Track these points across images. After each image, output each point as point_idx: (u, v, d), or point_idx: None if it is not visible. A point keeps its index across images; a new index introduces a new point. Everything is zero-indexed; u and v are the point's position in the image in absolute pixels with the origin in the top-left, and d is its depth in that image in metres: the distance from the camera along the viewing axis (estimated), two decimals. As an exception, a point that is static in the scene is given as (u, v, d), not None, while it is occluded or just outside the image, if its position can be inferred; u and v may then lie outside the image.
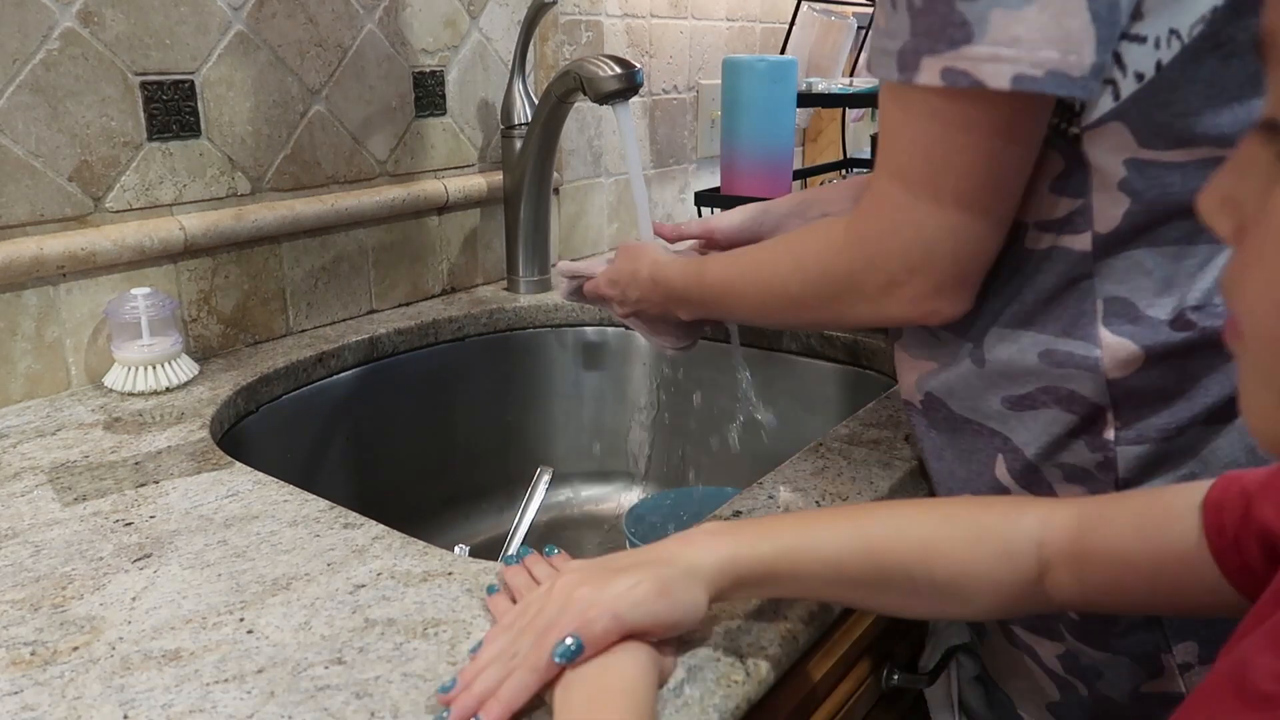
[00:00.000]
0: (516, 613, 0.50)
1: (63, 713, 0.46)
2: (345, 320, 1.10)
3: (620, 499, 1.23)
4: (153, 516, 0.65)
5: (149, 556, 0.60)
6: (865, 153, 1.69)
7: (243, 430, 0.89)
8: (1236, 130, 0.54)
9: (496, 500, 1.19)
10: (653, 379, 1.22)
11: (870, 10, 1.72)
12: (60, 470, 0.72)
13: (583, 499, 1.24)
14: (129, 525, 0.64)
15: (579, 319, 1.20)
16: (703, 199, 1.27)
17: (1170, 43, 0.53)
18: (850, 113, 1.77)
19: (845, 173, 1.49)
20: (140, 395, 0.86)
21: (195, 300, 0.96)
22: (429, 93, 1.16)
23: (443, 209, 1.19)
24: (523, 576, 0.55)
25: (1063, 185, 0.58)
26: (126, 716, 0.46)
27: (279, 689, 0.48)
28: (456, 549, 0.95)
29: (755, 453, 1.15)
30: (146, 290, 0.88)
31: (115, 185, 0.89)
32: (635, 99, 1.25)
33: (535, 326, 1.19)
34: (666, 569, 0.49)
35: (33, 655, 0.50)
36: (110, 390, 0.87)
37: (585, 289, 0.90)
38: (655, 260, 0.81)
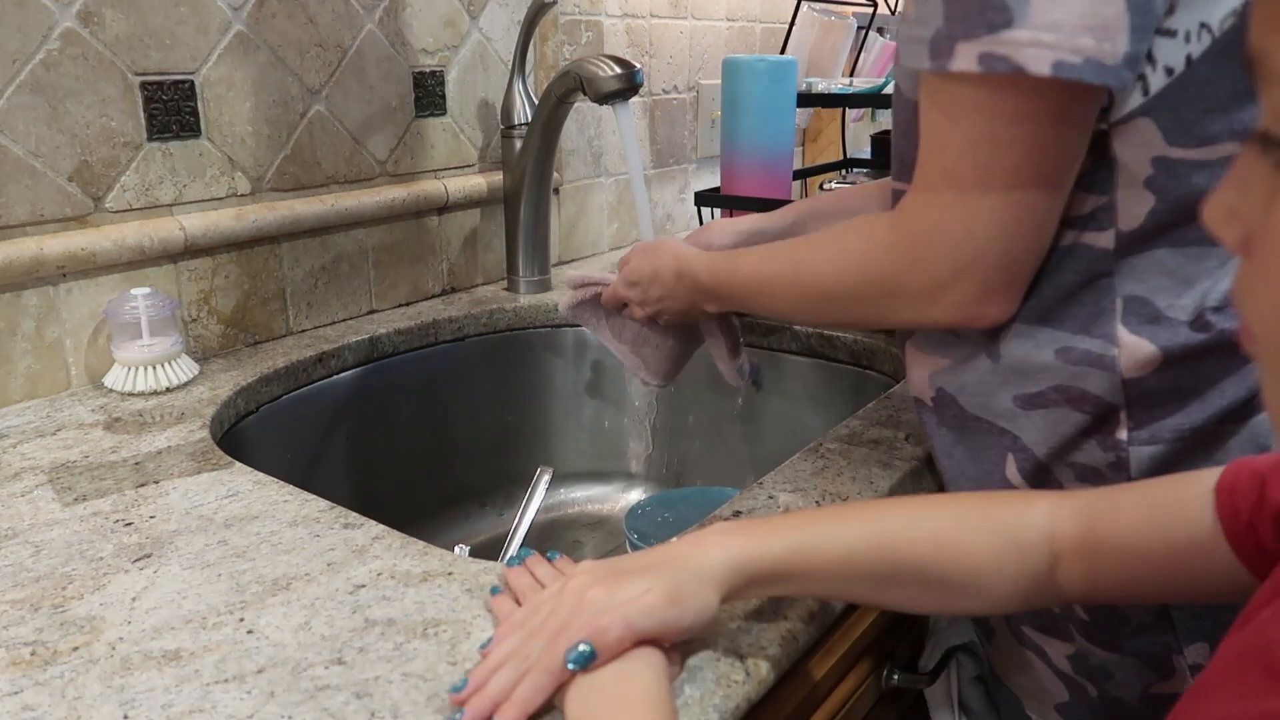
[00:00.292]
0: (527, 612, 0.50)
1: (63, 713, 0.46)
2: (345, 320, 1.10)
3: (620, 499, 1.23)
4: (153, 516, 0.65)
5: (149, 556, 0.60)
6: (865, 152, 1.69)
7: (243, 430, 0.89)
8: None
9: (496, 500, 1.19)
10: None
11: (870, 10, 1.72)
12: (60, 470, 0.72)
13: (583, 499, 1.24)
14: (129, 525, 0.64)
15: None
16: (703, 199, 1.27)
17: (1200, 36, 0.52)
18: (850, 113, 1.77)
19: (845, 173, 1.49)
20: (140, 395, 0.86)
21: (195, 300, 0.96)
22: (429, 93, 1.16)
23: (443, 209, 1.19)
24: (525, 578, 0.55)
25: (1088, 182, 0.57)
26: (126, 716, 0.46)
27: (279, 689, 0.48)
28: (456, 549, 0.95)
29: (755, 453, 1.15)
30: (146, 290, 0.88)
31: (115, 185, 0.89)
32: (635, 99, 1.25)
33: (535, 326, 1.19)
34: (678, 573, 0.49)
35: (33, 655, 0.50)
36: (110, 390, 0.87)
37: (603, 297, 0.89)
38: (678, 254, 0.80)
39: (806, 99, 1.36)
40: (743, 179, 1.24)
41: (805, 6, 1.60)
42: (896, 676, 0.73)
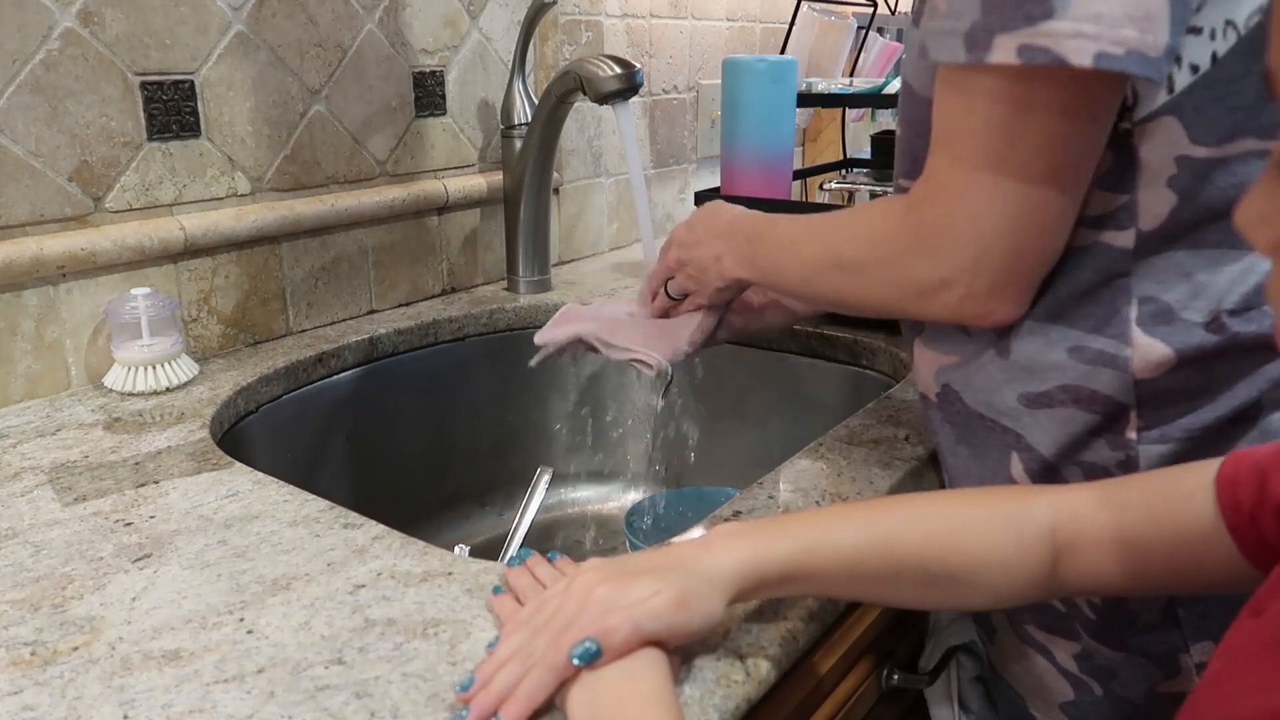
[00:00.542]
0: (533, 609, 0.50)
1: (63, 713, 0.46)
2: (345, 320, 1.10)
3: (620, 499, 1.23)
4: (153, 516, 0.65)
5: (149, 556, 0.60)
6: (865, 152, 1.69)
7: (243, 430, 0.89)
8: None
9: (496, 500, 1.19)
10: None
11: (870, 10, 1.72)
12: (60, 470, 0.72)
13: (583, 499, 1.24)
14: (129, 525, 0.64)
15: (579, 319, 1.20)
16: (703, 199, 1.27)
17: (1226, 34, 0.51)
18: (850, 113, 1.77)
19: (845, 173, 1.49)
20: (140, 395, 0.86)
21: (195, 300, 0.96)
22: (429, 93, 1.16)
23: (443, 209, 1.19)
24: (526, 578, 0.55)
25: (1110, 181, 0.57)
26: (126, 716, 0.46)
27: (279, 689, 0.48)
28: (456, 549, 0.95)
29: (755, 453, 1.15)
30: (146, 290, 0.88)
31: (115, 185, 0.89)
32: (635, 99, 1.25)
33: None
34: (686, 576, 0.49)
35: (33, 655, 0.50)
36: (110, 390, 0.87)
37: (654, 272, 0.87)
38: (731, 207, 0.80)
39: (806, 99, 1.36)
40: (743, 179, 1.24)
41: (805, 6, 1.60)
42: (896, 676, 0.73)
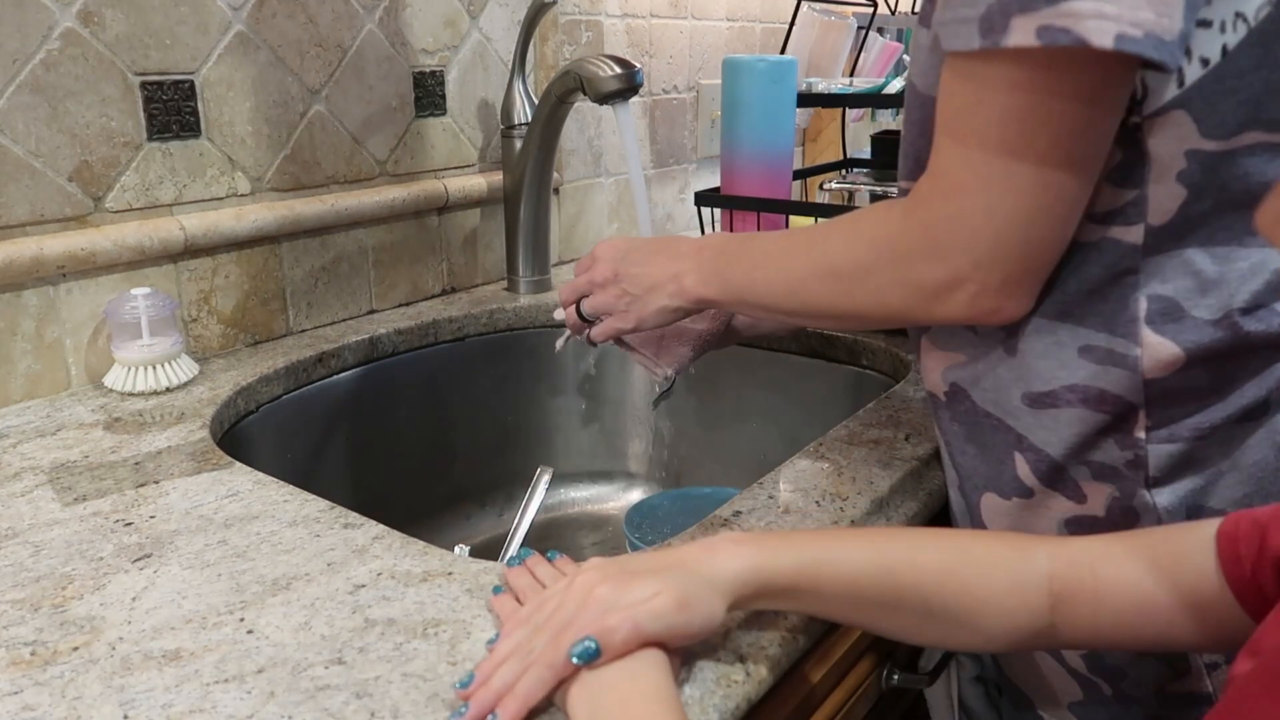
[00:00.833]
0: (533, 607, 0.50)
1: (63, 713, 0.46)
2: (345, 320, 1.10)
3: (620, 499, 1.23)
4: (153, 516, 0.65)
5: (149, 556, 0.60)
6: (865, 153, 1.69)
7: (243, 430, 0.89)
8: None
9: (496, 500, 1.19)
10: (653, 379, 1.22)
11: (870, 10, 1.72)
12: (60, 470, 0.72)
13: (583, 499, 1.24)
14: (129, 525, 0.64)
15: (579, 319, 1.20)
16: (702, 199, 1.27)
17: (1236, 26, 0.51)
18: (850, 113, 1.77)
19: (845, 173, 1.49)
20: (140, 395, 0.86)
21: (195, 300, 0.96)
22: (429, 93, 1.16)
23: (443, 209, 1.19)
24: (526, 578, 0.55)
25: (1119, 176, 0.56)
26: (126, 716, 0.46)
27: (279, 689, 0.48)
28: (456, 549, 0.95)
29: (755, 453, 1.15)
30: (146, 290, 0.88)
31: (115, 185, 0.89)
32: (635, 99, 1.25)
33: (535, 326, 1.19)
34: (688, 578, 0.49)
35: (33, 655, 0.50)
36: (110, 390, 0.87)
37: (562, 294, 0.83)
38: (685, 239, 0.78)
39: (806, 99, 1.36)
40: (743, 179, 1.24)
41: (805, 6, 1.60)
42: (896, 676, 0.73)
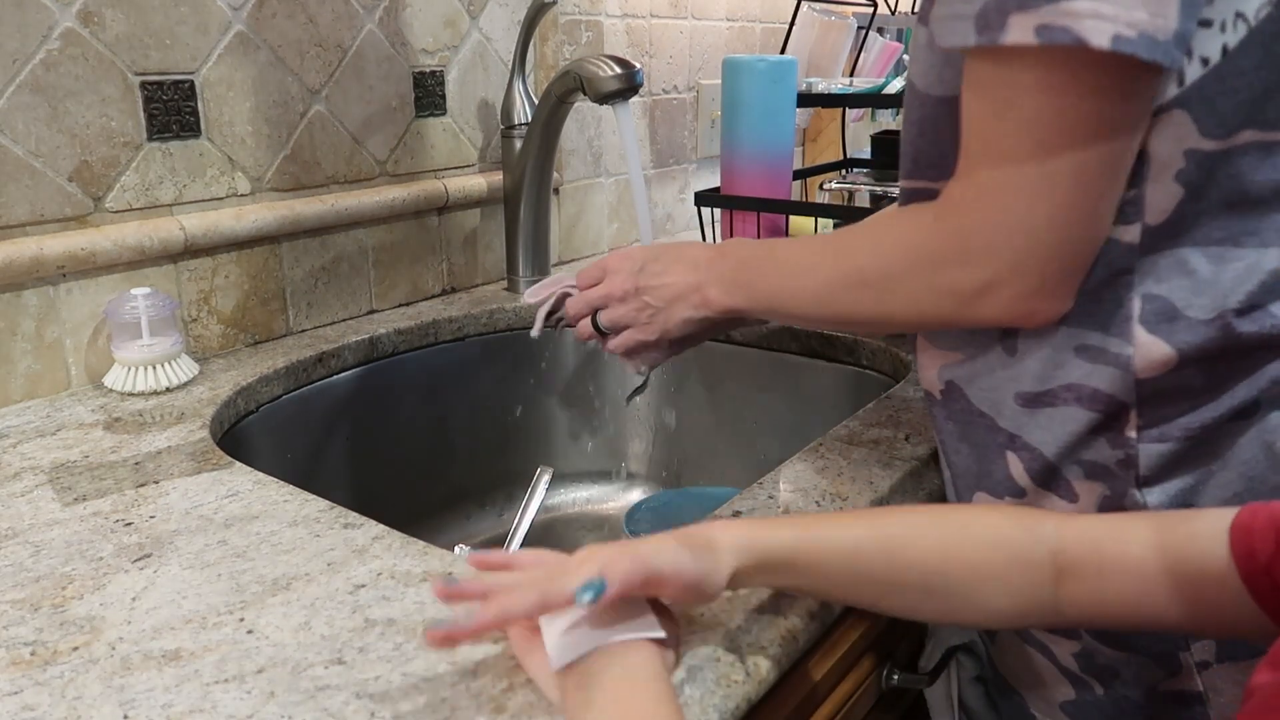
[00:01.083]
0: (535, 565, 0.52)
1: (63, 713, 0.46)
2: (345, 320, 1.10)
3: (620, 499, 1.23)
4: (153, 516, 0.65)
5: (149, 556, 0.60)
6: (865, 153, 1.69)
7: (243, 430, 0.89)
8: None
9: (496, 500, 1.19)
10: (653, 378, 1.22)
11: (870, 10, 1.72)
12: (60, 470, 0.72)
13: (583, 499, 1.24)
14: (129, 525, 0.64)
15: (579, 319, 1.20)
16: (702, 199, 1.27)
17: (1236, 26, 0.51)
18: (850, 113, 1.77)
19: (845, 173, 1.49)
20: (140, 395, 0.86)
21: (195, 300, 0.96)
22: (429, 93, 1.16)
23: (443, 209, 1.19)
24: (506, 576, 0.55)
25: None
26: (126, 716, 0.46)
27: (279, 689, 0.48)
28: (456, 549, 0.95)
29: (755, 453, 1.15)
30: (146, 290, 0.88)
31: (115, 185, 0.89)
32: (635, 99, 1.25)
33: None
34: (691, 538, 0.50)
35: (33, 655, 0.50)
36: (110, 390, 0.87)
37: (570, 306, 0.83)
38: (701, 244, 0.77)
39: (806, 99, 1.36)
40: (743, 179, 1.24)
41: (805, 6, 1.60)
42: (896, 676, 0.73)
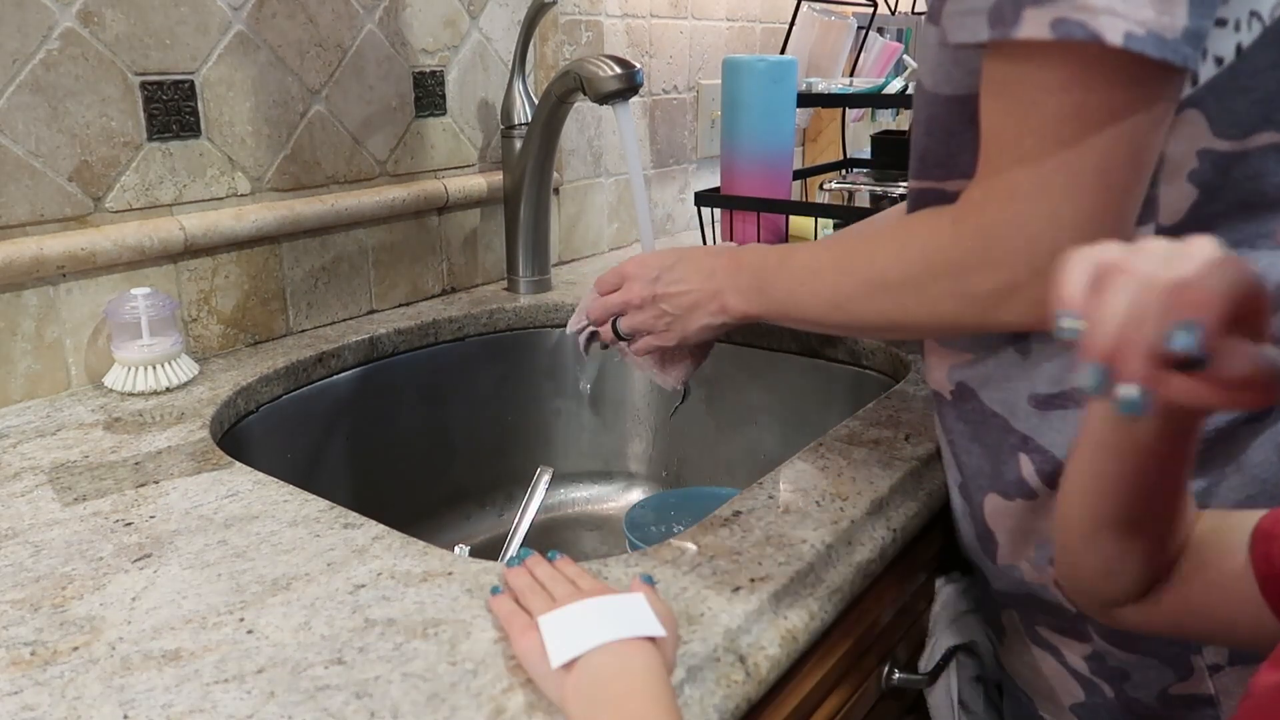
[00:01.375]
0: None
1: (63, 713, 0.46)
2: (345, 320, 1.10)
3: (620, 499, 1.23)
4: (153, 516, 0.65)
5: (149, 556, 0.60)
6: (865, 153, 1.69)
7: (243, 430, 0.89)
8: None
9: (496, 500, 1.19)
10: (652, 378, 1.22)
11: (870, 10, 1.72)
12: (60, 470, 0.72)
13: (583, 499, 1.24)
14: (129, 525, 0.64)
15: (579, 319, 1.20)
16: (702, 199, 1.27)
17: (1250, 25, 0.51)
18: (850, 113, 1.77)
19: (845, 173, 1.49)
20: (140, 395, 0.86)
21: (195, 300, 0.96)
22: (429, 93, 1.16)
23: (443, 209, 1.19)
24: (525, 578, 0.55)
25: None
26: (126, 716, 0.46)
27: (279, 689, 0.48)
28: (456, 549, 0.95)
29: (755, 453, 1.15)
30: (146, 290, 0.88)
31: (115, 185, 0.89)
32: (635, 99, 1.26)
33: (535, 326, 1.19)
34: None
35: (33, 655, 0.50)
36: (110, 390, 0.87)
37: (591, 312, 0.83)
38: (723, 245, 0.76)
39: (806, 99, 1.36)
40: (743, 179, 1.24)
41: (805, 6, 1.60)
42: (896, 676, 0.73)
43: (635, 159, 0.96)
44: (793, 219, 1.28)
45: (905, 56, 1.80)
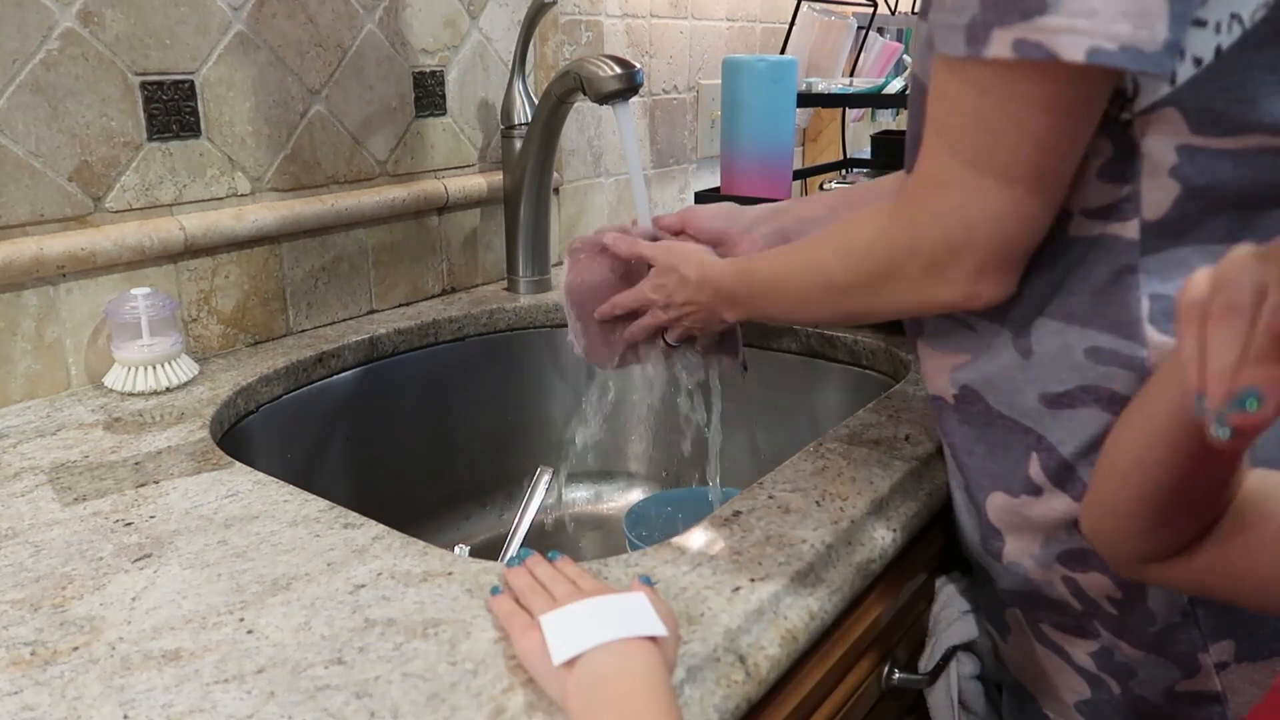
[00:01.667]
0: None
1: (63, 713, 0.46)
2: (345, 320, 1.10)
3: (620, 499, 1.23)
4: (153, 516, 0.65)
5: (149, 556, 0.60)
6: (865, 152, 1.69)
7: (243, 430, 0.89)
8: None
9: (496, 500, 1.19)
10: (653, 379, 1.22)
11: (870, 10, 1.72)
12: (60, 470, 0.72)
13: (583, 499, 1.24)
14: (129, 525, 0.64)
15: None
16: (702, 199, 1.27)
17: (1231, 27, 0.52)
18: (850, 113, 1.77)
19: (845, 173, 1.49)
20: (140, 395, 0.86)
21: (195, 300, 0.96)
22: (429, 93, 1.16)
23: (443, 209, 1.19)
24: (525, 578, 0.55)
25: (1111, 171, 0.57)
26: (126, 716, 0.46)
27: (279, 689, 0.48)
28: (456, 549, 0.95)
29: (755, 453, 1.15)
30: (146, 290, 0.88)
31: (115, 185, 0.89)
32: (635, 99, 1.26)
33: (535, 326, 1.19)
34: None
35: (33, 655, 0.50)
36: (110, 390, 0.87)
37: (619, 301, 0.88)
38: (701, 261, 0.81)
39: (806, 99, 1.36)
40: (743, 179, 1.24)
41: (805, 6, 1.60)
42: (896, 676, 0.73)
43: (635, 159, 0.96)
44: (793, 219, 1.27)
45: (905, 56, 1.80)
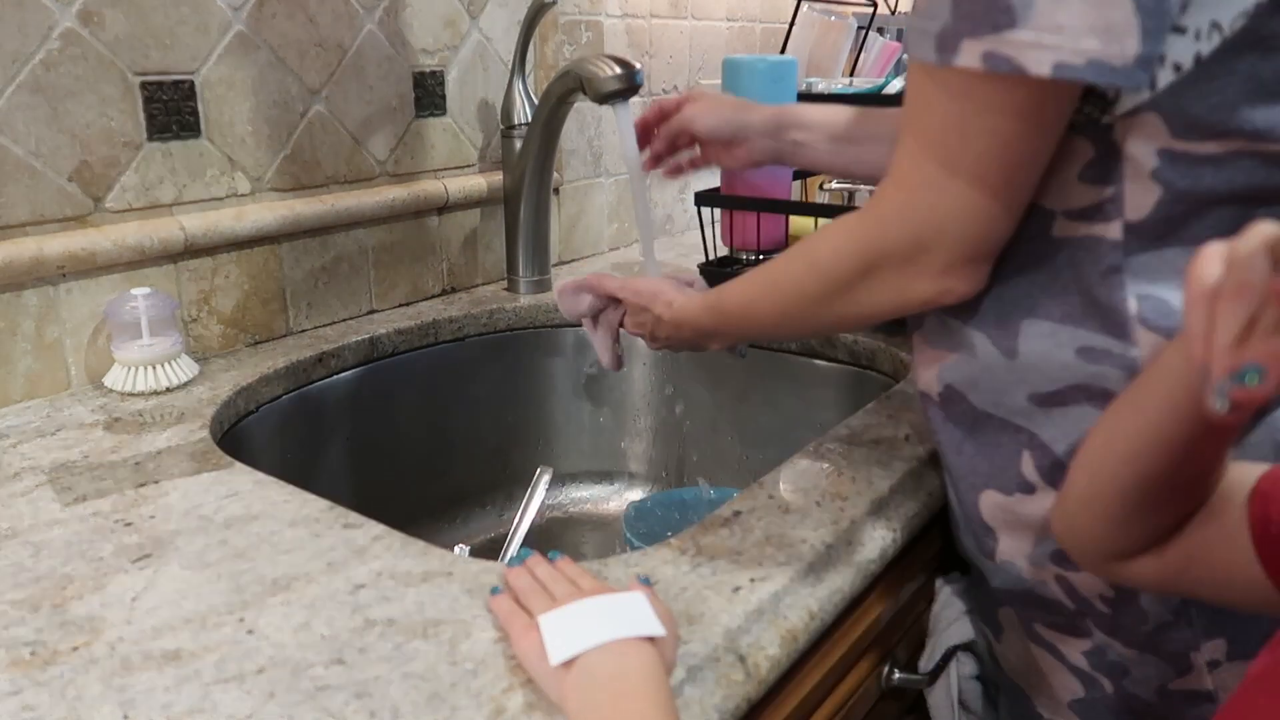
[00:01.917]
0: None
1: (63, 713, 0.46)
2: (345, 320, 1.10)
3: (620, 499, 1.23)
4: (153, 516, 0.65)
5: (149, 556, 0.60)
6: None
7: (243, 430, 0.89)
8: (1273, 125, 0.53)
9: (496, 500, 1.19)
10: (653, 379, 1.22)
11: (870, 10, 1.72)
12: (60, 470, 0.72)
13: (583, 499, 1.24)
14: (129, 525, 0.64)
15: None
16: (702, 199, 1.27)
17: (1210, 35, 0.52)
18: (850, 113, 1.77)
19: (845, 173, 1.49)
20: (140, 395, 0.86)
21: (195, 300, 0.96)
22: (429, 93, 1.16)
23: (443, 209, 1.19)
24: (526, 578, 0.55)
25: (1093, 173, 0.58)
26: (126, 716, 0.46)
27: (279, 689, 0.48)
28: (456, 549, 0.95)
29: (755, 453, 1.15)
30: (146, 290, 0.88)
31: (115, 185, 0.89)
32: (635, 99, 1.25)
33: (535, 326, 1.19)
34: None
35: (33, 655, 0.50)
36: (110, 390, 0.87)
37: (614, 320, 0.89)
38: (670, 302, 0.80)
39: (806, 99, 1.36)
40: (743, 179, 1.24)
41: (805, 6, 1.60)
42: (896, 676, 0.73)
43: (635, 159, 0.96)
44: (793, 219, 1.27)
45: (905, 56, 1.80)
